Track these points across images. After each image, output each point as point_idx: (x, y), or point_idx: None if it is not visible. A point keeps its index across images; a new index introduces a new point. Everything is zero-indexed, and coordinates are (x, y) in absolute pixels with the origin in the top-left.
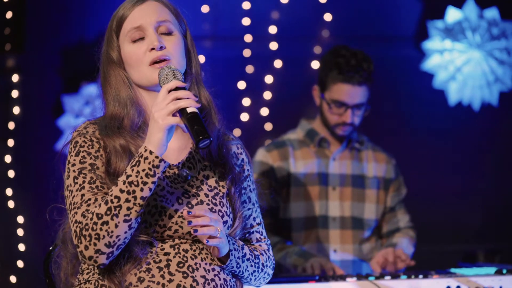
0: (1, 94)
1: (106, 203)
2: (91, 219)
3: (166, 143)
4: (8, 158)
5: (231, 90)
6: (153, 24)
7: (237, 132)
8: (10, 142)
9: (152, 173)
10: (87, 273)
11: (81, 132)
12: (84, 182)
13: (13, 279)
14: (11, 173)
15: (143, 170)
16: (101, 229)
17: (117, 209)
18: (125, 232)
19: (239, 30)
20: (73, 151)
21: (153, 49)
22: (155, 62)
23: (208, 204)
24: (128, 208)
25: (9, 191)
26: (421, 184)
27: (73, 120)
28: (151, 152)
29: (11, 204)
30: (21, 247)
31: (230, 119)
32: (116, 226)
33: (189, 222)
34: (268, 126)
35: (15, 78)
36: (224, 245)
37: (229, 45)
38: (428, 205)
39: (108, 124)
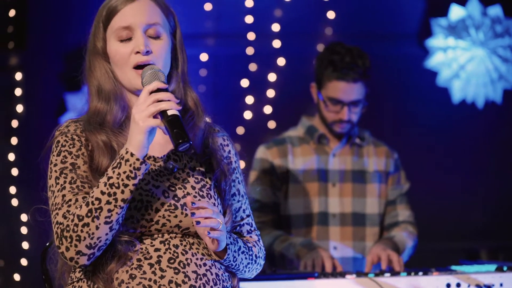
0: (5, 92)
1: (87, 204)
2: (72, 220)
3: (147, 144)
4: (11, 156)
5: (234, 88)
6: (142, 26)
7: (240, 130)
8: (14, 140)
9: (133, 175)
10: (79, 271)
11: (62, 131)
12: (65, 182)
13: (17, 277)
14: (14, 171)
15: (124, 172)
16: (81, 231)
17: (98, 211)
18: (106, 234)
19: (242, 28)
20: (55, 151)
21: (138, 52)
22: (138, 66)
23: (195, 197)
24: (109, 210)
25: (12, 189)
26: (425, 182)
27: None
28: (132, 154)
29: (14, 202)
30: (25, 245)
31: (233, 117)
32: (97, 228)
33: (192, 214)
34: (272, 124)
35: (18, 76)
36: (223, 239)
37: (232, 43)
38: (431, 203)
39: (90, 120)
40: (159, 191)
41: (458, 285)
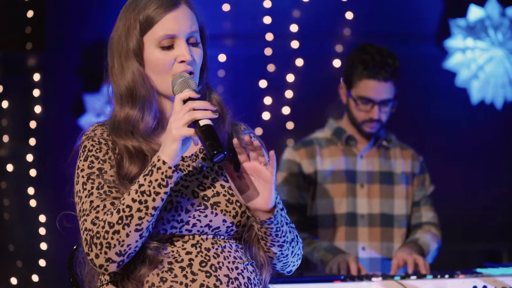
0: (23, 93)
1: (118, 212)
2: (103, 227)
3: (180, 153)
4: (30, 157)
5: (253, 89)
6: (186, 35)
7: (258, 131)
8: (32, 141)
9: (164, 183)
10: (109, 274)
11: (89, 136)
12: (92, 188)
13: (35, 278)
14: (32, 172)
15: (156, 180)
16: (112, 238)
17: (129, 218)
18: (136, 241)
19: (260, 28)
20: (82, 156)
21: (183, 61)
22: None
23: (224, 195)
24: (140, 218)
25: (31, 190)
26: (443, 183)
27: (95, 119)
28: (164, 162)
29: (33, 203)
30: (43, 246)
31: (251, 117)
32: (127, 235)
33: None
34: (290, 125)
35: (36, 77)
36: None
37: (250, 44)
38: (450, 204)
39: (121, 125)
40: (189, 191)
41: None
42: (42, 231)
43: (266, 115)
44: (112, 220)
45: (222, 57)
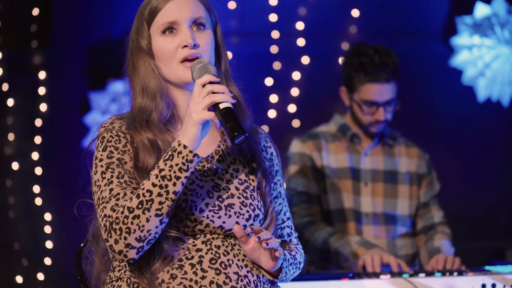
0: (28, 91)
1: (138, 196)
2: (122, 212)
3: (200, 138)
4: (35, 155)
5: (258, 87)
6: (188, 21)
7: (264, 128)
8: (37, 139)
9: (185, 167)
10: (119, 271)
11: (107, 128)
12: (112, 176)
13: (40, 276)
14: (38, 170)
15: (177, 164)
16: (132, 223)
17: (149, 203)
18: (156, 227)
19: (266, 26)
20: (100, 147)
21: (186, 46)
22: (186, 60)
23: (239, 198)
24: (160, 203)
25: (36, 189)
26: (449, 180)
27: (100, 117)
28: (185, 147)
29: (38, 201)
30: (49, 244)
31: (257, 115)
32: (148, 220)
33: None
34: (296, 123)
35: (42, 75)
36: (281, 256)
37: (256, 42)
38: (455, 201)
39: (136, 117)
40: (204, 191)
41: (494, 285)
42: (47, 229)
43: (272, 113)
44: (132, 205)
45: (228, 55)
